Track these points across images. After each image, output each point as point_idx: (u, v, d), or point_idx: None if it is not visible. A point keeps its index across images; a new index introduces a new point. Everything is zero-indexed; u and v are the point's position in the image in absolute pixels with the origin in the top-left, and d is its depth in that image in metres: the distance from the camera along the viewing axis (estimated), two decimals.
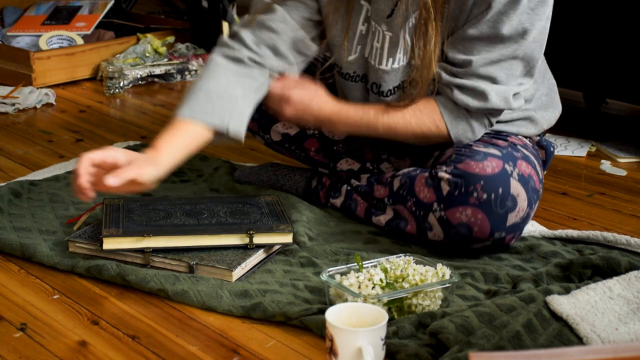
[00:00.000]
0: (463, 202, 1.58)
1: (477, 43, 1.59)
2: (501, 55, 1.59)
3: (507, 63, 1.60)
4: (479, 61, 1.60)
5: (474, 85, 1.61)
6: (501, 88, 1.61)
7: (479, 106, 1.62)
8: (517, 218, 1.60)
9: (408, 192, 1.68)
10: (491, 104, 1.62)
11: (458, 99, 1.63)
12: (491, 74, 1.60)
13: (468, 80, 1.61)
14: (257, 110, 1.90)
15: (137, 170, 1.48)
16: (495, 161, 1.60)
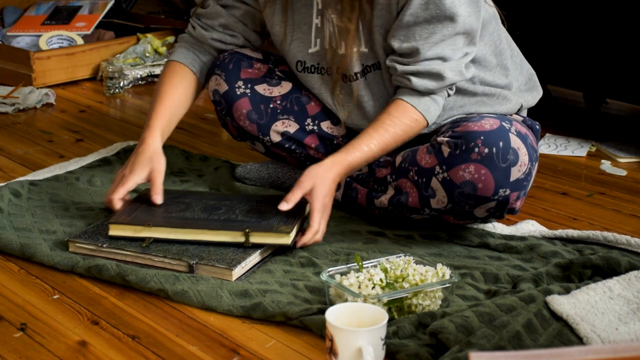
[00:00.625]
0: (465, 160, 1.61)
1: (417, 29, 1.67)
2: (443, 35, 1.67)
3: (450, 40, 1.68)
4: (425, 46, 1.67)
5: (427, 69, 1.68)
6: (452, 63, 1.69)
7: (438, 86, 1.70)
8: (520, 173, 1.62)
9: (410, 163, 1.71)
10: (449, 80, 1.69)
11: (418, 85, 1.70)
12: (439, 54, 1.68)
13: (421, 66, 1.69)
14: (255, 112, 1.91)
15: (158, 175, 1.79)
16: (493, 120, 1.65)
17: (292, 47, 1.86)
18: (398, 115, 1.72)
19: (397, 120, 1.71)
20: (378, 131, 1.71)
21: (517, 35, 2.48)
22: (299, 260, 1.64)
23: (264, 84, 1.92)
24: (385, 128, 1.71)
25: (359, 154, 1.69)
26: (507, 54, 1.82)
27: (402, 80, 1.72)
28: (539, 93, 1.91)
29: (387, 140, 1.71)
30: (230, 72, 1.92)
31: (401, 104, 1.73)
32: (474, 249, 1.71)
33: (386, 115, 1.73)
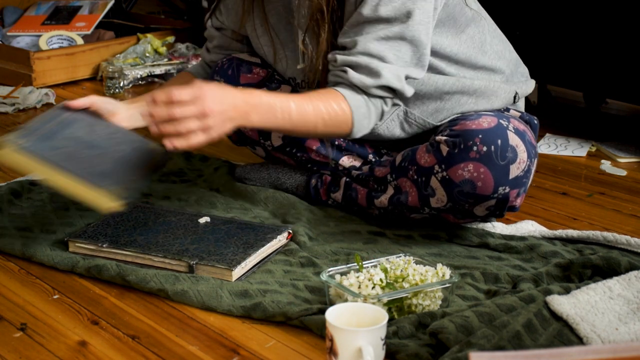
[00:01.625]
0: (464, 158, 1.61)
1: (364, 25, 1.63)
2: (388, 32, 1.61)
3: (395, 43, 1.62)
4: (367, 38, 1.62)
5: (366, 62, 1.62)
6: (393, 67, 1.63)
7: (374, 83, 1.63)
8: (519, 170, 1.62)
9: (409, 162, 1.71)
10: (385, 79, 1.62)
11: (354, 77, 1.63)
12: (380, 52, 1.62)
13: (360, 58, 1.62)
14: None
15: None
16: (490, 118, 1.64)
17: (283, 65, 1.87)
18: (328, 96, 1.63)
19: (324, 98, 1.62)
20: (302, 96, 1.62)
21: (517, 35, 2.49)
22: (299, 260, 1.64)
23: (264, 88, 1.92)
24: (310, 98, 1.61)
25: (274, 99, 1.57)
26: (494, 52, 1.80)
27: (339, 74, 1.65)
28: (532, 82, 1.91)
29: (307, 108, 1.59)
30: (229, 78, 1.92)
31: (333, 91, 1.64)
32: (474, 249, 1.71)
33: (315, 92, 1.64)
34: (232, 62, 1.93)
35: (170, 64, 3.08)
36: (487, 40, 1.79)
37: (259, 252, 1.62)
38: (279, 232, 1.68)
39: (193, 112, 1.46)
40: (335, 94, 1.64)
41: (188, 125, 1.47)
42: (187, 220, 1.75)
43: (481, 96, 1.79)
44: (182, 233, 1.69)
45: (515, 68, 1.87)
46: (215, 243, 1.64)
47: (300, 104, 1.60)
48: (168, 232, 1.69)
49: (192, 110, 1.46)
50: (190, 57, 3.14)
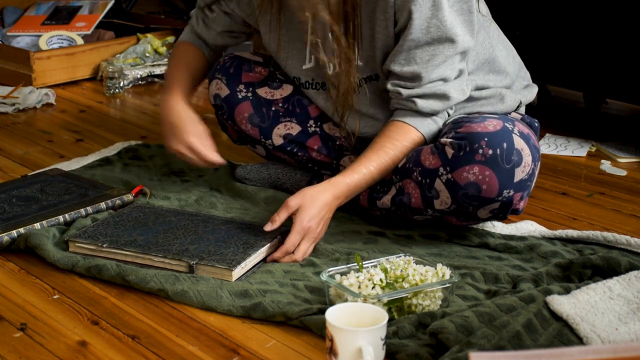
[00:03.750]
0: (469, 161, 1.61)
1: (417, 52, 1.67)
2: (445, 57, 1.68)
3: (450, 61, 1.69)
4: (428, 69, 1.68)
5: (433, 91, 1.70)
6: (455, 83, 1.71)
7: (444, 107, 1.72)
8: (524, 174, 1.62)
9: (414, 164, 1.70)
10: (454, 100, 1.72)
11: (424, 107, 1.71)
12: (441, 75, 1.69)
13: (426, 88, 1.70)
14: (257, 115, 1.91)
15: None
16: (495, 121, 1.65)
17: (288, 64, 1.87)
18: (399, 138, 1.71)
19: (398, 143, 1.71)
20: (378, 154, 1.70)
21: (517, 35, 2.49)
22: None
23: (265, 87, 1.92)
24: (385, 151, 1.70)
25: (357, 177, 1.67)
26: (502, 57, 1.81)
27: (407, 104, 1.72)
28: (535, 89, 1.92)
29: (386, 163, 1.70)
30: (231, 76, 1.92)
31: (402, 126, 1.72)
32: (474, 249, 1.71)
33: (386, 138, 1.72)
34: (233, 61, 1.93)
35: None
36: (495, 45, 1.79)
37: (259, 252, 1.62)
38: (279, 231, 1.68)
39: (307, 246, 1.64)
40: (405, 130, 1.72)
41: (305, 251, 1.65)
42: (187, 220, 1.75)
43: (486, 104, 1.79)
44: (182, 233, 1.69)
45: (518, 72, 1.87)
46: (215, 243, 1.64)
47: (379, 163, 1.69)
48: (168, 232, 1.69)
49: (306, 245, 1.64)
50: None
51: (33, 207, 1.80)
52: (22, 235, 1.69)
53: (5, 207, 1.80)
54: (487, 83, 1.79)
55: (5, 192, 1.88)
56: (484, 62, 1.78)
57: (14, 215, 1.76)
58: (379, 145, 1.71)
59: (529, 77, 1.92)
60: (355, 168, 1.68)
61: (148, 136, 2.44)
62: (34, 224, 1.72)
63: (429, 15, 1.63)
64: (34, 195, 1.87)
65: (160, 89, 2.99)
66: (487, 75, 1.79)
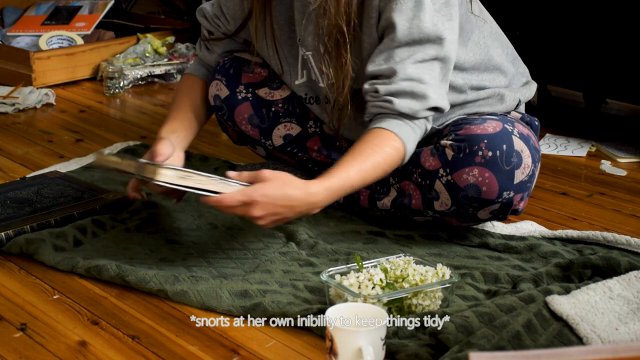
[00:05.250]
0: (469, 163, 1.60)
1: (396, 51, 1.61)
2: (424, 55, 1.60)
3: (428, 64, 1.61)
4: (404, 64, 1.60)
5: (410, 87, 1.60)
6: (434, 87, 1.62)
7: (421, 107, 1.61)
8: (524, 175, 1.62)
9: (413, 165, 1.70)
10: (433, 101, 1.61)
11: (401, 106, 1.61)
12: (418, 75, 1.61)
13: (403, 85, 1.61)
14: (257, 116, 1.91)
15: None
16: (495, 122, 1.64)
17: (287, 79, 1.87)
18: (378, 144, 1.60)
19: (377, 149, 1.60)
20: (357, 159, 1.58)
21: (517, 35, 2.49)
22: (298, 260, 1.64)
23: (265, 87, 1.92)
24: (365, 156, 1.58)
25: (336, 180, 1.55)
26: (498, 57, 1.80)
27: (383, 104, 1.63)
28: (534, 85, 1.91)
29: (366, 169, 1.57)
30: (230, 77, 1.92)
31: (381, 131, 1.62)
32: (474, 249, 1.71)
33: (364, 143, 1.60)
34: (233, 62, 1.93)
35: (170, 64, 3.08)
36: (490, 44, 1.79)
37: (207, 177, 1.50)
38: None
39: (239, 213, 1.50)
40: (385, 137, 1.61)
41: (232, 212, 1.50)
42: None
43: (484, 104, 1.79)
44: None
45: (516, 69, 1.87)
46: None
47: (359, 168, 1.57)
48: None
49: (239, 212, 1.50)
50: (190, 57, 3.14)
51: (25, 209, 1.80)
52: (15, 241, 1.67)
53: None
54: (483, 82, 1.79)
55: (1, 194, 1.88)
56: (480, 62, 1.78)
57: (5, 217, 1.76)
58: (358, 150, 1.59)
59: (527, 74, 1.91)
60: (334, 172, 1.56)
61: (148, 136, 2.44)
62: (23, 225, 1.72)
63: (411, 16, 1.60)
64: (29, 197, 1.86)
65: (160, 89, 2.99)
66: (482, 74, 1.79)
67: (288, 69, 1.85)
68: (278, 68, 1.86)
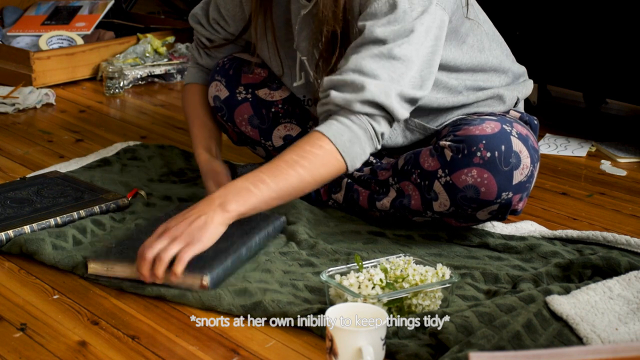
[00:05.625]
0: (468, 164, 1.60)
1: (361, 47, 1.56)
2: (382, 50, 1.54)
3: (387, 62, 1.54)
4: (359, 56, 1.55)
5: (351, 79, 1.54)
6: (382, 83, 1.54)
7: (356, 98, 1.53)
8: (523, 176, 1.62)
9: (412, 166, 1.70)
10: (370, 93, 1.53)
11: (336, 97, 1.55)
12: (373, 70, 1.54)
13: (346, 75, 1.55)
14: (257, 116, 1.91)
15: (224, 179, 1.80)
16: (493, 123, 1.64)
17: (284, 80, 1.89)
18: (300, 142, 1.55)
19: (296, 147, 1.54)
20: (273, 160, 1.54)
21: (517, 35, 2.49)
22: (298, 260, 1.64)
23: (265, 88, 1.92)
24: (280, 156, 1.53)
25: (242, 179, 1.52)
26: (494, 59, 1.80)
27: (324, 100, 1.59)
28: (531, 82, 1.90)
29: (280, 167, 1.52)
30: (230, 78, 1.92)
31: (310, 133, 1.57)
32: (473, 249, 1.71)
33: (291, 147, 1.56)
34: (233, 62, 1.93)
35: (170, 64, 3.08)
36: (485, 46, 1.79)
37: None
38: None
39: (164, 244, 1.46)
40: (309, 136, 1.55)
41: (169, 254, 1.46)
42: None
43: (483, 105, 1.79)
44: None
45: (512, 68, 1.87)
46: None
47: (269, 168, 1.52)
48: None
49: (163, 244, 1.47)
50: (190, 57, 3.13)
51: (25, 210, 1.80)
52: (15, 241, 1.67)
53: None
54: (478, 83, 1.78)
55: (1, 194, 1.88)
56: (475, 64, 1.77)
57: (5, 217, 1.75)
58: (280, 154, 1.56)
59: (524, 72, 1.91)
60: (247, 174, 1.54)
61: (148, 136, 2.44)
62: (23, 226, 1.71)
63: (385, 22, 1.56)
64: (29, 197, 1.86)
65: (160, 89, 2.99)
66: (477, 74, 1.78)
67: (288, 71, 1.85)
68: (278, 69, 1.87)
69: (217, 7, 1.88)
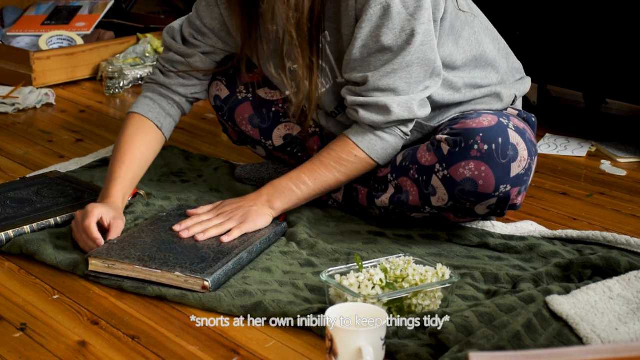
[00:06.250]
0: (465, 157, 1.61)
1: (370, 59, 1.65)
2: (395, 66, 1.64)
3: (404, 72, 1.65)
4: (376, 75, 1.66)
5: (376, 101, 1.67)
6: (403, 99, 1.67)
7: (383, 120, 1.69)
8: (520, 169, 1.62)
9: (410, 162, 1.71)
10: (395, 116, 1.67)
11: (364, 118, 1.69)
12: (391, 85, 1.66)
13: (370, 97, 1.68)
14: (258, 116, 1.91)
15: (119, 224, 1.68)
16: (491, 116, 1.65)
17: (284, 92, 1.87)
18: (336, 149, 1.73)
19: (333, 153, 1.72)
20: (312, 162, 1.73)
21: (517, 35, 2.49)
22: (298, 260, 1.64)
23: (265, 87, 1.92)
24: (320, 159, 1.72)
25: (285, 179, 1.72)
26: (490, 52, 1.80)
27: (351, 113, 1.72)
28: (529, 80, 1.91)
29: (319, 171, 1.72)
30: (231, 77, 1.91)
31: (343, 139, 1.73)
32: (473, 249, 1.71)
33: (326, 148, 1.74)
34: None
35: None
36: (482, 40, 1.79)
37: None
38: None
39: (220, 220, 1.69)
40: (345, 144, 1.73)
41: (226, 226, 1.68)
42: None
43: (480, 102, 1.79)
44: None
45: (510, 64, 1.86)
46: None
47: (312, 170, 1.72)
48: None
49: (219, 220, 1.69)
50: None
51: (25, 210, 1.80)
52: (15, 242, 1.67)
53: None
54: (476, 80, 1.78)
55: (1, 194, 1.88)
56: (471, 58, 1.78)
57: (5, 217, 1.75)
58: (317, 155, 1.74)
59: (521, 69, 1.91)
60: (289, 173, 1.74)
61: None
62: (23, 226, 1.71)
63: (379, 24, 1.61)
64: (29, 197, 1.86)
65: None
66: (474, 71, 1.78)
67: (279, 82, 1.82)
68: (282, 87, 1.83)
69: (195, 20, 1.83)
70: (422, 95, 1.68)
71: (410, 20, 1.61)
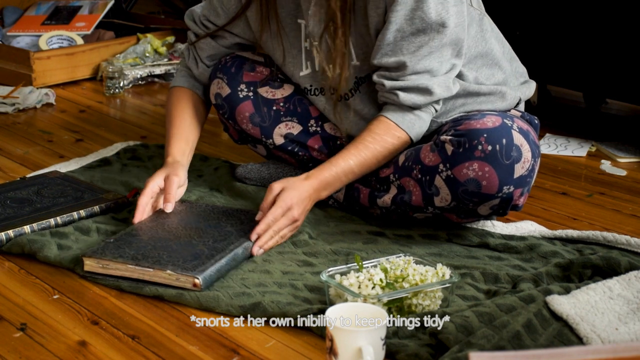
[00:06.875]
0: (469, 157, 1.61)
1: (403, 43, 1.67)
2: (431, 47, 1.67)
3: (438, 53, 1.69)
4: (413, 60, 1.68)
5: (416, 84, 1.69)
6: (441, 79, 1.70)
7: (426, 101, 1.71)
8: (524, 170, 1.62)
9: (413, 162, 1.71)
10: (437, 95, 1.71)
11: (405, 100, 1.71)
12: (427, 67, 1.69)
13: (409, 81, 1.70)
14: (258, 114, 1.91)
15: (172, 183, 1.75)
16: (495, 117, 1.65)
17: (288, 70, 1.89)
18: (380, 132, 1.73)
19: (378, 137, 1.73)
20: (357, 147, 1.72)
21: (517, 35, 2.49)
22: (297, 260, 1.64)
23: (267, 86, 1.92)
24: (365, 144, 1.72)
25: (335, 169, 1.71)
26: (496, 52, 1.82)
27: (389, 96, 1.73)
28: (533, 84, 1.92)
29: (366, 157, 1.72)
30: (232, 76, 1.92)
31: (384, 121, 1.74)
32: (473, 249, 1.71)
33: (367, 132, 1.74)
34: (235, 60, 1.93)
35: (170, 64, 3.08)
36: (487, 38, 1.80)
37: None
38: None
39: (286, 223, 1.67)
40: (386, 125, 1.73)
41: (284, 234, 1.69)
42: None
43: (486, 101, 1.79)
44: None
45: (514, 68, 1.87)
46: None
47: (358, 157, 1.72)
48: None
49: (285, 222, 1.66)
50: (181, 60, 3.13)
51: (25, 209, 1.79)
52: (16, 241, 1.67)
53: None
54: (480, 77, 1.79)
55: (1, 194, 1.88)
56: (476, 55, 1.78)
57: (5, 217, 1.75)
58: (360, 139, 1.73)
59: (525, 73, 1.92)
60: (334, 161, 1.72)
61: (148, 136, 2.44)
62: (23, 226, 1.71)
63: (414, 7, 1.64)
64: (29, 197, 1.86)
65: (160, 89, 2.99)
66: (480, 69, 1.79)
67: (292, 60, 1.85)
68: (280, 58, 1.87)
69: (212, 2, 1.89)
70: (452, 73, 1.72)
71: (444, 3, 1.64)
